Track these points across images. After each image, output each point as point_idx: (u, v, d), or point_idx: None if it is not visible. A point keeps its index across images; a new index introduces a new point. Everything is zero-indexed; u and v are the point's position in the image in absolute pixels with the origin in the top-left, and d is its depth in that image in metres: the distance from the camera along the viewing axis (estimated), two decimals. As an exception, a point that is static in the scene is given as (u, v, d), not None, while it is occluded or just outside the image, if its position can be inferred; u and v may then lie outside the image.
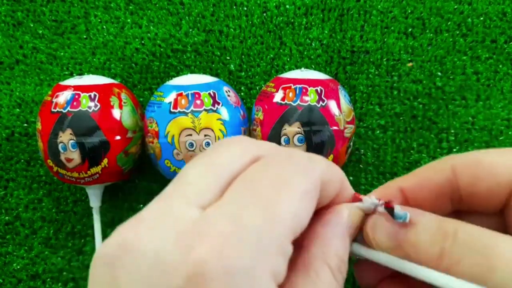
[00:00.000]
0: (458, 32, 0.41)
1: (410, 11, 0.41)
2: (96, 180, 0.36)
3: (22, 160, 0.42)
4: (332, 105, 0.34)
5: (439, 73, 0.41)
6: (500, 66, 0.40)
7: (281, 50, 0.42)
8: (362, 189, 0.41)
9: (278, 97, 0.35)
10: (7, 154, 0.42)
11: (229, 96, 0.36)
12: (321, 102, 0.34)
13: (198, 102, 0.34)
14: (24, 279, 0.42)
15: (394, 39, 0.41)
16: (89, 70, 0.43)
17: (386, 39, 0.41)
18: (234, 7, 0.42)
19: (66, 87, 0.36)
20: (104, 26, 0.43)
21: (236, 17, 0.42)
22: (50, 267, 0.42)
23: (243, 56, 0.42)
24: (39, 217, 0.42)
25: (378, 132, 0.41)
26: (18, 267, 0.42)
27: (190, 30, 0.42)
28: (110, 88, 0.37)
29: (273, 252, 0.12)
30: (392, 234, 0.17)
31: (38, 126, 0.36)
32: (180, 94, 0.34)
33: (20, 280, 0.42)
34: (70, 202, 0.42)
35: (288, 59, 0.42)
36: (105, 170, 0.35)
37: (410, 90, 0.41)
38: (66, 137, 0.34)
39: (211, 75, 0.38)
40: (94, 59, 0.43)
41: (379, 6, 0.41)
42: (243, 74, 0.42)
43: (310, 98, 0.34)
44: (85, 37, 0.43)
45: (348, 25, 0.42)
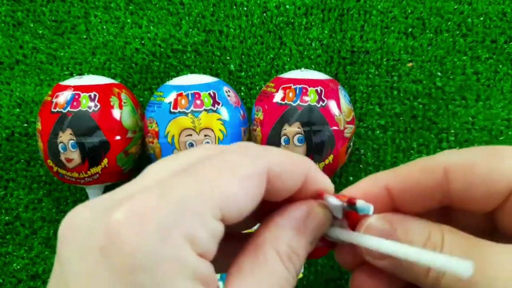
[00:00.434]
0: (458, 32, 0.41)
1: (410, 11, 0.41)
2: (96, 180, 0.36)
3: (22, 160, 0.42)
4: (332, 105, 0.34)
5: (439, 73, 0.41)
6: (500, 66, 0.40)
7: (281, 50, 0.42)
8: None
9: (278, 97, 0.35)
10: (7, 154, 0.42)
11: (229, 96, 0.36)
12: (321, 102, 0.34)
13: (198, 102, 0.34)
14: (24, 279, 0.42)
15: (394, 39, 0.41)
16: (89, 70, 0.43)
17: (386, 39, 0.41)
18: (234, 7, 0.42)
19: (66, 87, 0.36)
20: (104, 26, 0.43)
21: (236, 17, 0.42)
22: (50, 267, 0.42)
23: (243, 56, 0.42)
24: (39, 217, 0.42)
25: (378, 132, 0.41)
26: (18, 267, 0.42)
27: (190, 30, 0.42)
28: (110, 88, 0.37)
29: (189, 220, 0.13)
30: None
31: (38, 126, 0.36)
32: (180, 94, 0.34)
33: (20, 280, 0.42)
34: (70, 202, 0.42)
35: (288, 59, 0.42)
36: (105, 170, 0.35)
37: (410, 90, 0.41)
38: (66, 137, 0.34)
39: (211, 75, 0.38)
40: (94, 59, 0.43)
41: (379, 6, 0.41)
42: (243, 74, 0.42)
43: (310, 98, 0.34)
44: (85, 37, 0.43)
45: (348, 25, 0.42)
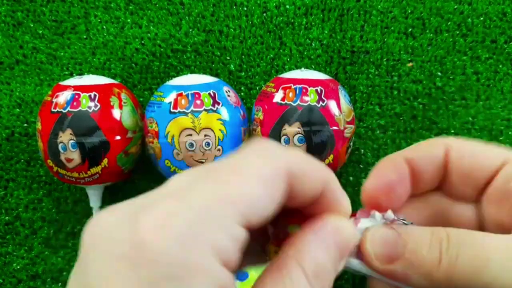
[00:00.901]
0: (458, 32, 0.41)
1: (410, 11, 0.41)
2: (96, 180, 0.36)
3: (22, 160, 0.42)
4: (332, 105, 0.34)
5: (439, 73, 0.41)
6: (500, 66, 0.40)
7: (281, 50, 0.42)
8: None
9: (278, 97, 0.35)
10: (7, 154, 0.42)
11: (229, 96, 0.36)
12: (321, 102, 0.34)
13: (198, 102, 0.34)
14: (24, 279, 0.42)
15: (394, 39, 0.41)
16: (89, 70, 0.43)
17: (386, 39, 0.41)
18: (234, 7, 0.42)
19: (66, 87, 0.36)
20: (104, 26, 0.43)
21: (236, 17, 0.42)
22: (50, 267, 0.42)
23: (243, 56, 0.42)
24: (39, 217, 0.42)
25: (378, 132, 0.41)
26: (18, 267, 0.42)
27: (190, 30, 0.42)
28: (110, 88, 0.37)
29: (215, 228, 0.13)
30: (391, 246, 0.17)
31: (38, 126, 0.36)
32: (180, 94, 0.34)
33: (20, 280, 0.42)
34: (70, 202, 0.42)
35: (288, 59, 0.42)
36: (105, 170, 0.35)
37: (410, 90, 0.41)
38: (66, 137, 0.34)
39: (211, 75, 0.38)
40: (94, 59, 0.43)
41: (379, 6, 0.41)
42: (243, 74, 0.42)
43: (310, 98, 0.34)
44: (85, 37, 0.43)
45: (348, 25, 0.42)
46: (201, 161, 0.34)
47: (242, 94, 0.42)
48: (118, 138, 0.35)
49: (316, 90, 0.34)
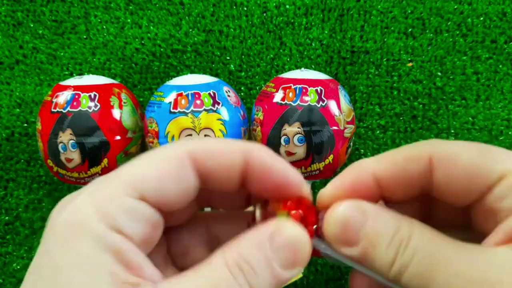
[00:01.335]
0: (458, 32, 0.41)
1: (410, 11, 0.41)
2: (96, 180, 0.36)
3: (22, 160, 0.42)
4: (332, 105, 0.34)
5: (439, 73, 0.41)
6: (500, 66, 0.40)
7: (281, 50, 0.42)
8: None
9: (278, 97, 0.35)
10: (7, 154, 0.42)
11: (229, 96, 0.36)
12: (321, 102, 0.34)
13: (198, 102, 0.34)
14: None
15: (394, 39, 0.41)
16: (89, 70, 0.43)
17: (386, 39, 0.41)
18: (234, 7, 0.42)
19: (66, 87, 0.36)
20: (104, 26, 0.43)
21: (236, 17, 0.42)
22: (50, 267, 0.42)
23: (243, 56, 0.42)
24: (39, 217, 0.42)
25: (378, 132, 0.41)
26: (18, 267, 0.42)
27: (190, 30, 0.42)
28: (110, 88, 0.37)
29: (102, 197, 0.16)
30: (350, 228, 0.17)
31: (38, 126, 0.36)
32: (180, 94, 0.34)
33: (20, 280, 0.42)
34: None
35: (288, 59, 0.42)
36: (105, 170, 0.35)
37: (410, 90, 0.41)
38: (66, 137, 0.34)
39: (211, 75, 0.38)
40: (94, 59, 0.43)
41: (379, 6, 0.41)
42: (243, 74, 0.42)
43: (310, 98, 0.34)
44: (85, 37, 0.43)
45: (348, 25, 0.42)
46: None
47: (242, 94, 0.42)
48: (118, 138, 0.35)
49: (316, 90, 0.34)
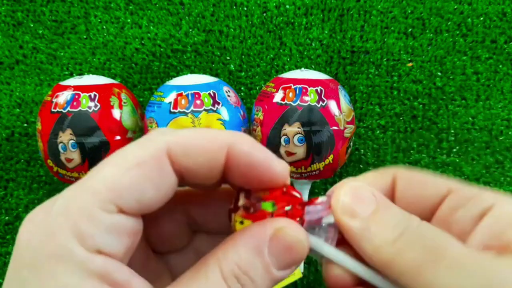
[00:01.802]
0: (458, 32, 0.41)
1: (410, 11, 0.41)
2: (96, 180, 0.36)
3: (22, 160, 0.42)
4: (332, 105, 0.34)
5: (439, 73, 0.41)
6: (500, 66, 0.40)
7: (281, 50, 0.42)
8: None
9: (278, 97, 0.35)
10: (7, 154, 0.42)
11: (229, 96, 0.36)
12: (321, 102, 0.34)
13: (198, 102, 0.34)
14: (24, 279, 0.42)
15: (394, 39, 0.41)
16: (89, 70, 0.43)
17: (386, 39, 0.41)
18: (234, 7, 0.42)
19: (66, 87, 0.36)
20: (104, 26, 0.43)
21: (236, 17, 0.42)
22: (50, 267, 0.42)
23: (243, 56, 0.42)
24: (39, 217, 0.42)
25: (378, 132, 0.41)
26: (18, 267, 0.42)
27: (190, 30, 0.42)
28: (110, 88, 0.37)
29: (76, 216, 0.14)
30: (360, 200, 0.17)
31: (38, 126, 0.36)
32: (180, 94, 0.34)
33: (20, 280, 0.42)
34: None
35: (288, 59, 0.42)
36: (105, 170, 0.35)
37: (410, 90, 0.41)
38: (66, 137, 0.34)
39: (211, 75, 0.38)
40: (94, 59, 0.43)
41: (379, 6, 0.41)
42: (243, 74, 0.42)
43: (310, 98, 0.34)
44: (85, 37, 0.43)
45: (348, 25, 0.42)
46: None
47: (242, 94, 0.42)
48: (118, 138, 0.35)
49: (316, 90, 0.34)
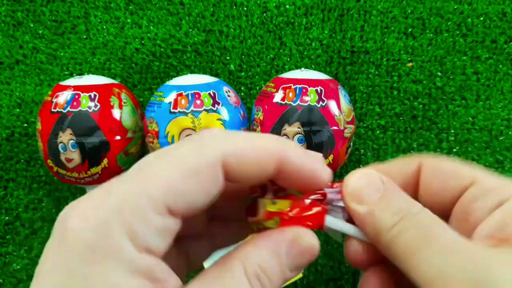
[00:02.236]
0: (458, 32, 0.41)
1: (410, 11, 0.41)
2: (96, 180, 0.36)
3: (22, 160, 0.42)
4: (332, 105, 0.34)
5: (439, 73, 0.41)
6: (500, 66, 0.40)
7: (281, 50, 0.42)
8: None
9: (278, 97, 0.35)
10: (7, 154, 0.42)
11: (229, 96, 0.36)
12: (321, 102, 0.34)
13: (198, 102, 0.34)
14: (24, 279, 0.42)
15: (394, 39, 0.41)
16: (89, 70, 0.43)
17: (386, 39, 0.41)
18: (234, 7, 0.42)
19: (66, 87, 0.36)
20: (104, 26, 0.43)
21: (236, 17, 0.42)
22: (50, 267, 0.42)
23: (243, 56, 0.42)
24: (39, 217, 0.42)
25: (378, 132, 0.41)
26: (18, 267, 0.42)
27: (190, 30, 0.42)
28: (110, 88, 0.37)
29: (130, 216, 0.14)
30: (369, 187, 0.18)
31: (38, 126, 0.36)
32: (180, 94, 0.35)
33: (20, 280, 0.42)
34: (70, 202, 0.42)
35: (288, 59, 0.42)
36: (105, 170, 0.35)
37: (410, 90, 0.41)
38: (66, 137, 0.34)
39: (211, 75, 0.38)
40: (94, 59, 0.43)
41: (379, 6, 0.41)
42: (243, 74, 0.42)
43: (310, 98, 0.34)
44: (85, 37, 0.43)
45: (348, 25, 0.42)
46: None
47: (242, 94, 0.42)
48: (118, 138, 0.35)
49: (316, 90, 0.34)
